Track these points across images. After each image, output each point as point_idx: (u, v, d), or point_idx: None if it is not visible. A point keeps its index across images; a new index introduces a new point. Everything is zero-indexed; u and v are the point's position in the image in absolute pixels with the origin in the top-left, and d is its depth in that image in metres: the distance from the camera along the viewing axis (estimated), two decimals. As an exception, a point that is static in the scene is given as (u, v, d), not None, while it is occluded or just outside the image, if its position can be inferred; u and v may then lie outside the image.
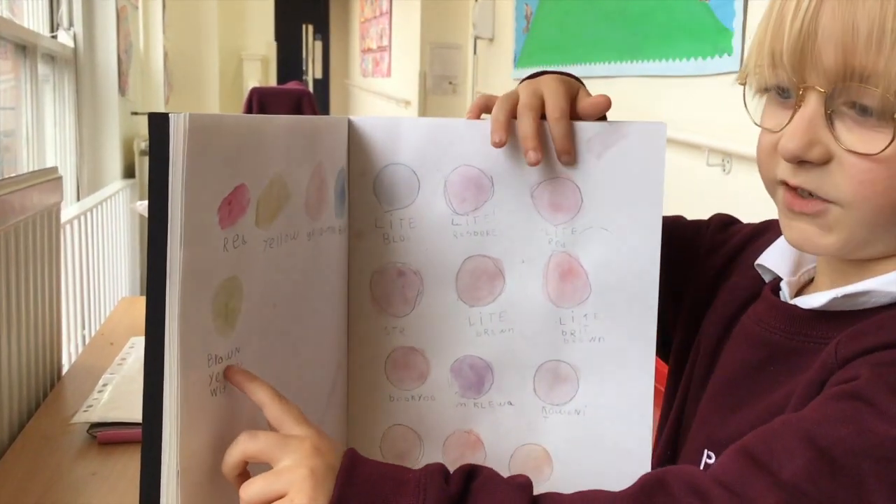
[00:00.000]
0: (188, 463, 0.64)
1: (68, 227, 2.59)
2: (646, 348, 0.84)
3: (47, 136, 3.34)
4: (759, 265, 0.82)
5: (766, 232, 0.87)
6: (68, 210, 2.83)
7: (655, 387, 0.85)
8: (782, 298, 0.79)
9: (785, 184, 0.71)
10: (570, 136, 0.80)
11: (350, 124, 0.84)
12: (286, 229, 0.74)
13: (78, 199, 3.47)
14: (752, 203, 0.80)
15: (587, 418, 0.86)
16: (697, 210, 1.06)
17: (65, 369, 1.61)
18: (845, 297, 0.70)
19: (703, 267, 0.91)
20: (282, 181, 0.73)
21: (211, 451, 0.67)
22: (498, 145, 0.80)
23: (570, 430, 0.86)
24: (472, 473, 0.65)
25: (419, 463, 0.87)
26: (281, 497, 0.62)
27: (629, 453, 0.85)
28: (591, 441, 0.87)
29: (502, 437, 0.87)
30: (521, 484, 0.65)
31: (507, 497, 0.63)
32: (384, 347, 0.86)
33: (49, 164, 3.12)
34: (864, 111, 0.65)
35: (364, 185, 0.85)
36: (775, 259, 0.81)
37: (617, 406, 0.85)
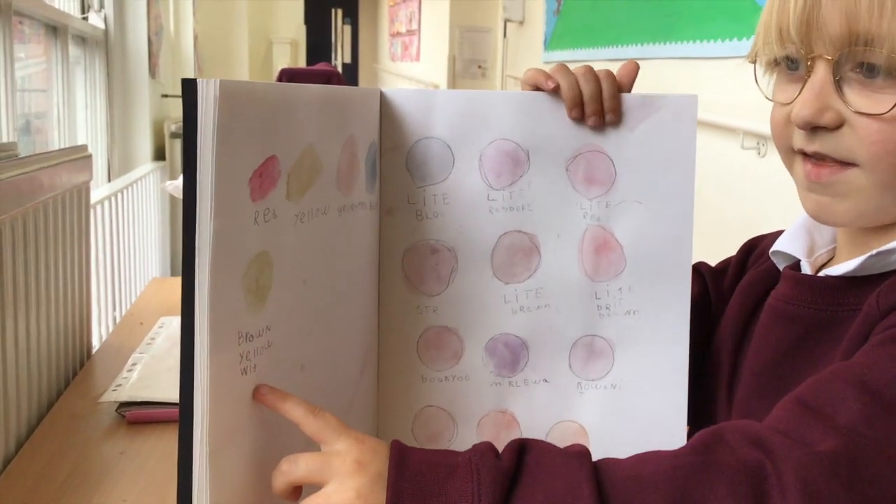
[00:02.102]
0: (218, 443, 0.62)
1: (99, 207, 2.60)
2: (680, 320, 0.83)
3: (78, 117, 3.35)
4: (774, 252, 0.83)
5: (760, 243, 0.90)
6: (99, 191, 2.85)
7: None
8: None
9: (802, 153, 0.73)
10: (619, 95, 0.82)
11: (382, 96, 0.82)
12: (317, 204, 0.72)
13: (109, 181, 3.48)
14: (786, 185, 0.78)
15: (623, 392, 0.85)
16: (732, 194, 1.03)
17: (95, 349, 1.61)
18: (878, 255, 0.71)
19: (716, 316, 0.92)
20: (313, 153, 0.71)
21: (242, 431, 0.65)
22: (575, 119, 0.81)
23: (606, 404, 0.85)
24: (524, 447, 0.63)
25: (452, 445, 0.86)
26: None
27: (666, 425, 0.84)
28: (627, 415, 0.85)
29: (538, 415, 0.86)
30: (579, 453, 0.63)
31: (566, 468, 0.61)
32: (417, 327, 0.85)
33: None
34: (871, 72, 0.67)
35: (396, 160, 0.83)
36: (790, 243, 0.82)
37: (652, 378, 0.84)
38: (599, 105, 0.81)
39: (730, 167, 2.82)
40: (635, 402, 0.85)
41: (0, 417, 1.09)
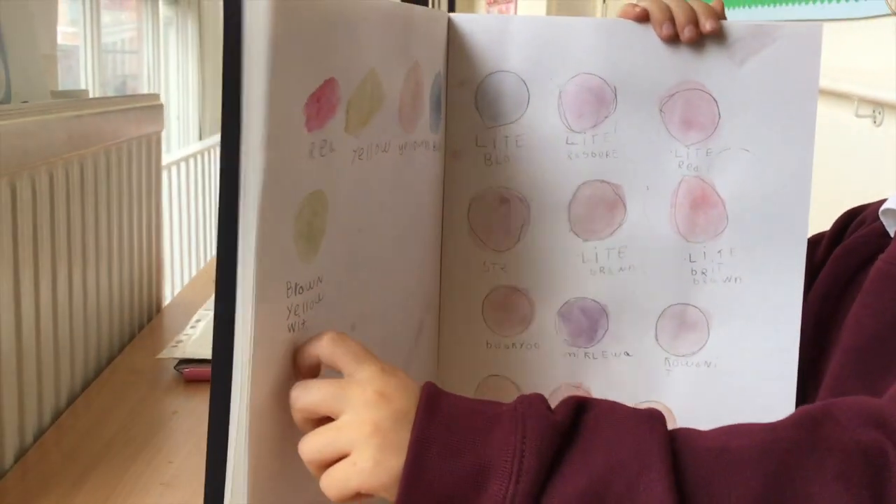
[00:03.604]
0: (260, 407, 0.54)
1: (183, 164, 2.60)
2: (791, 291, 0.74)
3: (171, 78, 3.35)
4: (885, 211, 0.74)
5: (861, 212, 0.81)
6: (188, 148, 2.85)
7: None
8: None
9: None
10: (717, 13, 0.73)
11: (450, 22, 0.72)
12: (377, 138, 0.64)
13: (200, 140, 3.49)
14: None
15: (719, 371, 0.76)
16: (844, 165, 0.92)
17: (165, 303, 1.57)
18: None
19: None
20: (376, 79, 0.62)
21: (286, 395, 0.57)
22: (667, 37, 0.71)
23: (697, 385, 0.76)
24: (583, 404, 0.54)
25: (519, 419, 0.76)
26: (344, 456, 0.52)
27: (769, 412, 0.73)
28: (723, 398, 0.76)
29: (616, 393, 0.77)
30: (651, 416, 0.53)
31: (635, 431, 0.51)
32: (482, 286, 0.77)
33: (172, 108, 3.15)
34: None
35: (464, 96, 0.74)
36: None
37: (755, 357, 0.75)
38: (694, 18, 0.71)
39: (842, 137, 2.65)
40: (733, 384, 0.76)
41: (51, 371, 1.04)
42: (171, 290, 2.13)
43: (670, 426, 0.75)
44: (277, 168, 0.52)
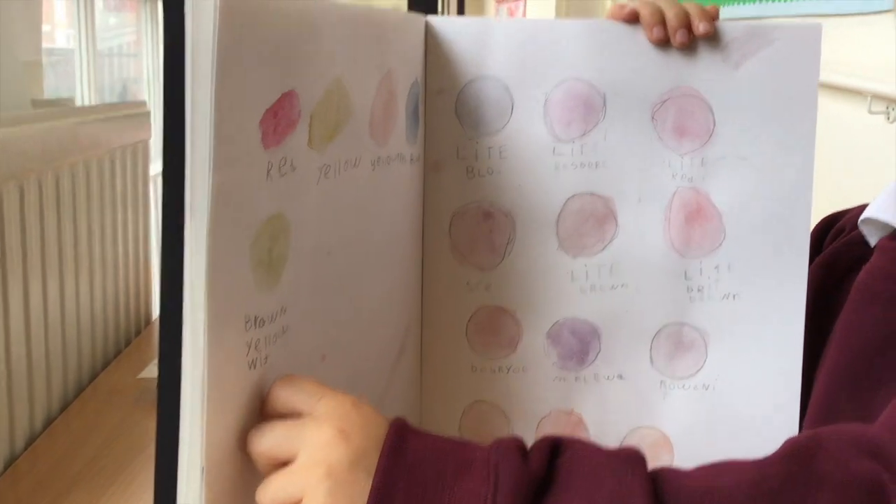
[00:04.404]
0: (216, 457, 0.49)
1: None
2: (793, 308, 0.70)
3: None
4: (865, 221, 0.71)
5: (839, 219, 0.77)
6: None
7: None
8: None
9: None
10: (711, 13, 0.68)
11: (427, 26, 0.68)
12: (346, 154, 0.59)
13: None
14: None
15: (717, 395, 0.72)
16: (856, 162, 0.87)
17: (155, 316, 1.53)
18: None
19: None
20: (342, 89, 0.57)
21: (245, 440, 0.52)
22: (658, 40, 0.67)
23: (695, 409, 0.72)
24: (557, 447, 0.50)
25: (507, 448, 0.72)
26: (299, 502, 0.47)
27: (770, 438, 0.68)
28: (722, 423, 0.72)
29: (610, 419, 0.73)
30: (630, 457, 0.49)
31: (614, 475, 0.47)
32: (466, 307, 0.72)
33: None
34: None
35: (444, 104, 0.70)
36: (886, 210, 0.69)
37: (755, 380, 0.71)
38: (687, 20, 0.67)
39: (854, 134, 2.60)
40: (732, 407, 0.71)
41: (25, 394, 1.00)
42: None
43: (667, 454, 0.71)
44: (229, 191, 0.47)
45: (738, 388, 0.71)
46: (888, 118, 2.46)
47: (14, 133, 1.01)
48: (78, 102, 2.01)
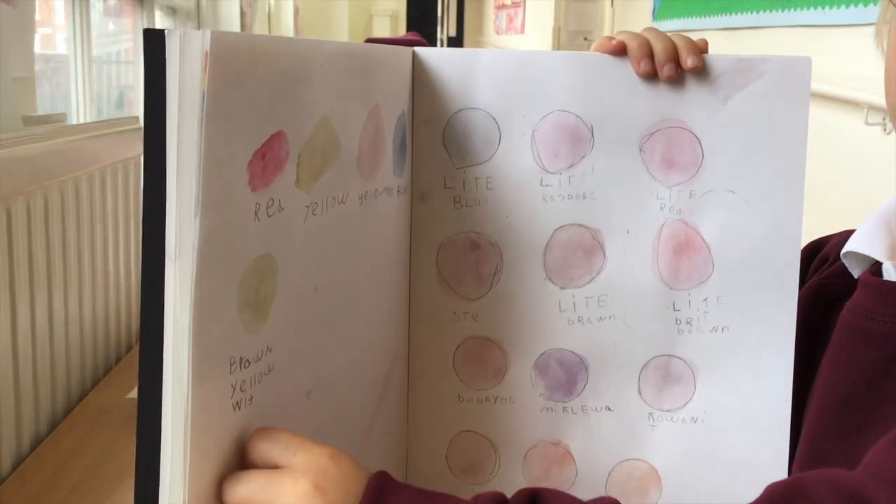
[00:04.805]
0: (199, 501, 0.49)
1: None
2: (783, 341, 0.69)
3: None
4: (848, 254, 0.69)
5: (824, 245, 0.77)
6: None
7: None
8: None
9: None
10: (699, 48, 0.67)
11: (414, 57, 0.67)
12: (333, 190, 0.59)
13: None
14: None
15: (706, 428, 0.71)
16: (852, 178, 0.87)
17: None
18: None
19: None
20: (329, 127, 0.57)
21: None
22: (645, 74, 0.66)
23: (684, 442, 0.71)
24: (535, 499, 0.50)
25: (493, 479, 0.72)
26: None
27: (760, 472, 0.69)
28: (710, 457, 0.71)
29: (598, 451, 0.72)
30: None
31: None
32: (453, 337, 0.71)
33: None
34: None
35: (431, 135, 0.69)
36: (867, 243, 0.68)
37: (745, 413, 0.70)
38: (675, 54, 0.66)
39: (851, 146, 2.60)
40: (721, 441, 0.70)
41: (11, 414, 0.99)
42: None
43: (655, 488, 0.71)
44: (216, 234, 0.47)
45: (727, 422, 0.70)
46: (885, 129, 2.46)
47: (2, 155, 1.00)
48: (72, 109, 2.00)
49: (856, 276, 0.69)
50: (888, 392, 0.62)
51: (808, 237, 0.71)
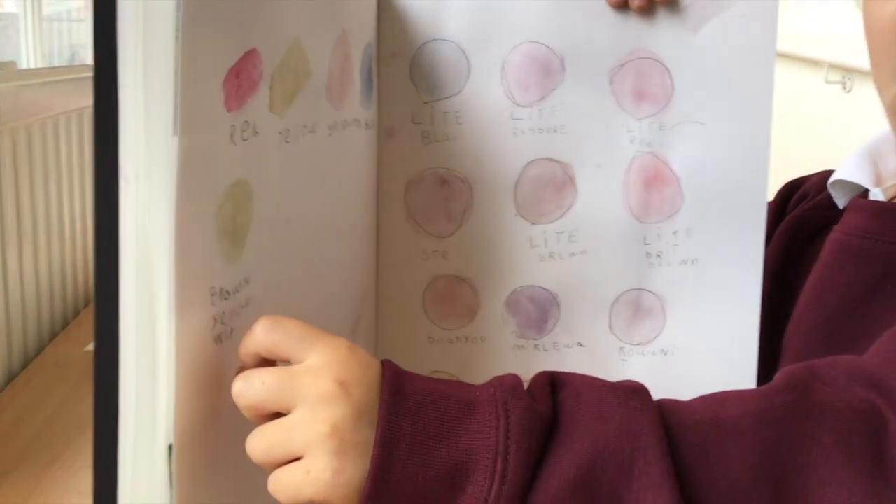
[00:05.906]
0: (187, 435, 0.46)
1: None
2: (751, 272, 0.69)
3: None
4: (834, 183, 0.71)
5: (802, 184, 0.78)
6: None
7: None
8: None
9: None
10: None
11: (380, -12, 0.66)
12: (304, 118, 0.57)
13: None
14: (876, 124, 0.69)
15: (676, 360, 0.71)
16: (812, 134, 0.88)
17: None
18: None
19: None
20: (301, 50, 0.55)
21: (214, 418, 0.50)
22: (616, 3, 0.66)
23: (654, 374, 0.71)
24: (554, 383, 0.48)
25: (465, 418, 0.71)
26: (297, 458, 0.45)
27: None
28: (681, 388, 0.69)
29: None
30: (635, 390, 0.48)
31: (621, 410, 0.46)
32: (422, 276, 0.71)
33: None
34: None
35: (398, 68, 0.68)
36: (856, 172, 0.70)
37: (714, 344, 0.71)
38: None
39: (812, 104, 2.62)
40: (691, 372, 0.71)
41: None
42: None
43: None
44: (194, 156, 0.45)
45: (696, 354, 0.70)
46: (844, 88, 2.49)
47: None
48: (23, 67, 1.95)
49: (841, 206, 0.70)
50: (879, 305, 0.63)
51: (770, 192, 0.71)
